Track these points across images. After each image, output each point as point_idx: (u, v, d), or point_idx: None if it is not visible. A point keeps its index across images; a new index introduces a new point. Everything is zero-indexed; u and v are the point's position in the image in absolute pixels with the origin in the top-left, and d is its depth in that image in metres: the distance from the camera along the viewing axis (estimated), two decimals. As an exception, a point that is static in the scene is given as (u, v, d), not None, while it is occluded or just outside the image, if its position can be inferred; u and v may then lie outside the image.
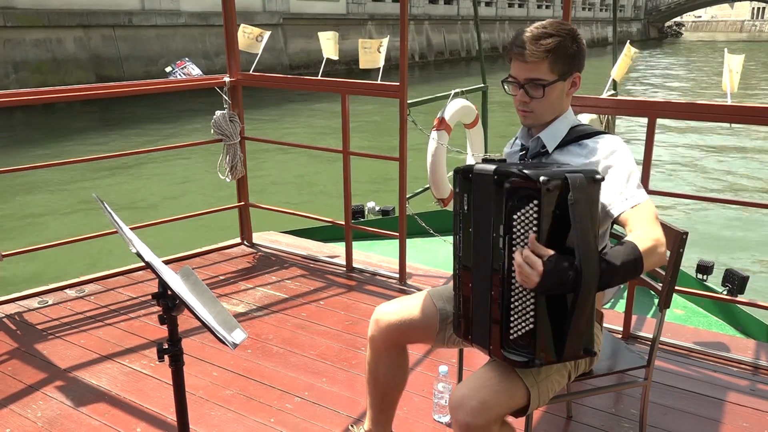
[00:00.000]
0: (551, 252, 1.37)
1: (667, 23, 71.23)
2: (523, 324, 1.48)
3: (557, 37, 1.64)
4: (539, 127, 1.77)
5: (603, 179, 1.46)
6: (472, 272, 1.62)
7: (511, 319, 1.49)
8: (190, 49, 20.46)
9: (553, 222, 1.41)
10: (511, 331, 1.50)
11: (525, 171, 1.42)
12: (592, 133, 1.73)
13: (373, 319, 1.94)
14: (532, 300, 1.46)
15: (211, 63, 20.94)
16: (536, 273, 1.35)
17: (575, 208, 1.39)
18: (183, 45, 20.51)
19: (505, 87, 1.73)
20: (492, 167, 1.50)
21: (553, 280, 1.36)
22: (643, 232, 1.53)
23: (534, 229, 1.40)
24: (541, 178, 1.37)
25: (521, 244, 1.42)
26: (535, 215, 1.40)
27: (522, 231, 1.42)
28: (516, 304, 1.48)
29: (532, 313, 1.46)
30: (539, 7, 46.26)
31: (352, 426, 2.24)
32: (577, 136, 1.73)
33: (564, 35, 1.65)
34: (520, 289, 1.46)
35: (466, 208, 1.62)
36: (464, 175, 1.61)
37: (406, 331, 1.88)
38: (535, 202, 1.39)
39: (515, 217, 1.42)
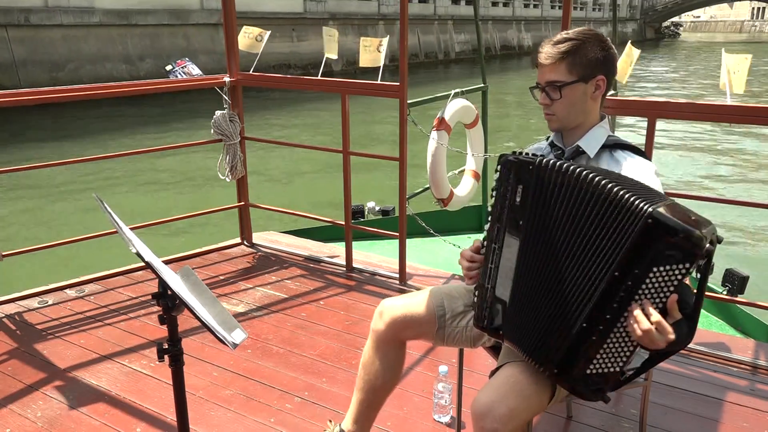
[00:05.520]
0: (680, 316, 1.33)
1: (665, 23, 71.00)
2: (609, 365, 1.42)
3: (576, 40, 1.68)
4: (571, 133, 1.77)
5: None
6: (523, 276, 1.53)
7: (597, 357, 1.41)
8: (108, 52, 17.80)
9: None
10: (591, 368, 1.43)
11: (692, 228, 1.25)
12: (627, 147, 1.74)
13: (377, 310, 1.94)
14: (631, 348, 1.39)
15: (134, 68, 18.10)
16: (664, 340, 1.31)
17: (706, 274, 1.33)
18: (98, 47, 17.69)
19: (533, 93, 1.77)
20: (646, 207, 1.30)
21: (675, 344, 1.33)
22: None
23: (672, 289, 1.30)
24: (707, 246, 1.25)
25: (648, 297, 1.32)
26: (679, 277, 1.28)
27: (655, 286, 1.30)
28: (611, 346, 1.40)
29: (624, 359, 1.40)
30: (526, 6, 43.83)
31: (330, 421, 2.20)
32: (613, 144, 1.74)
33: (585, 40, 1.69)
34: (623, 336, 1.38)
35: (518, 200, 1.52)
36: (523, 166, 1.53)
37: (408, 326, 1.90)
38: (687, 265, 1.27)
39: (655, 269, 1.29)
